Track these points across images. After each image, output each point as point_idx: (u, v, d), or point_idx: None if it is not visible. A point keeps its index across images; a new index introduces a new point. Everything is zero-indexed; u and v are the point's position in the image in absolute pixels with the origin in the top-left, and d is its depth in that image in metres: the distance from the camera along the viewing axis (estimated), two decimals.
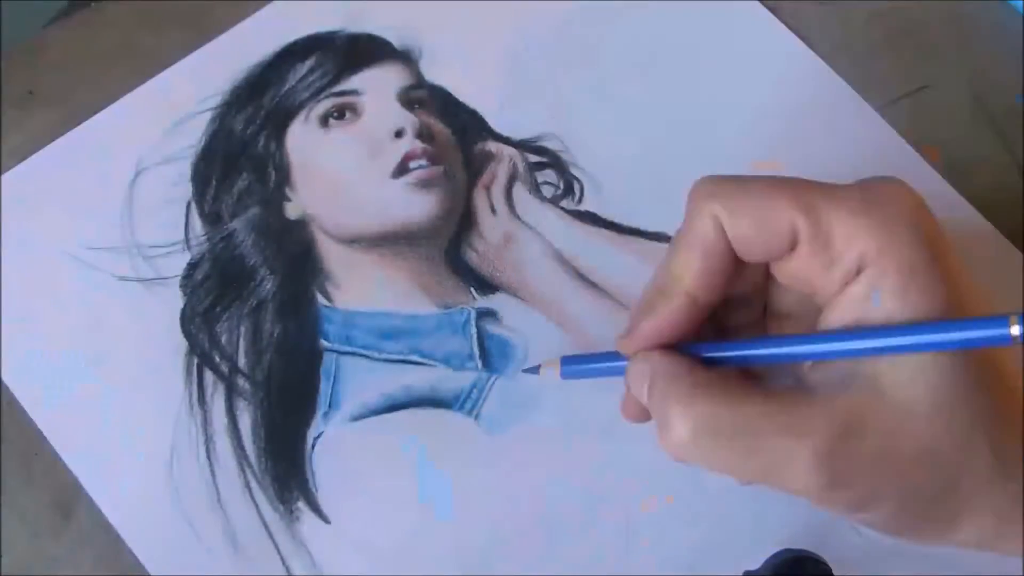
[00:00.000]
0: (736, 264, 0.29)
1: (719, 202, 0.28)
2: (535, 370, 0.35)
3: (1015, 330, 0.24)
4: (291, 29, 0.44)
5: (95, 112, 0.42)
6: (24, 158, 0.42)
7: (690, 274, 0.29)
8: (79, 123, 0.42)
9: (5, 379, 0.38)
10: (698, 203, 0.28)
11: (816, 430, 0.26)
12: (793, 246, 0.27)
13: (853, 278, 0.26)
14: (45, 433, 0.38)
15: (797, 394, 0.27)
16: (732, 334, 0.32)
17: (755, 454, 0.26)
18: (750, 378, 0.30)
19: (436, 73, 0.43)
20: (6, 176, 0.41)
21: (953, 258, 0.27)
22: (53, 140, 0.42)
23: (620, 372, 0.31)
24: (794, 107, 0.43)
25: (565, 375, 0.34)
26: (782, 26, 0.44)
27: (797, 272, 0.28)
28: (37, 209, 0.41)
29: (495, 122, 0.43)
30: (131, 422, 0.38)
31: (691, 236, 0.29)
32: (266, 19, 0.44)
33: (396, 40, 0.44)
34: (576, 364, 0.34)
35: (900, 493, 0.26)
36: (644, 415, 0.31)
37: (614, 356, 0.32)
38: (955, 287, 0.26)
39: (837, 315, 0.27)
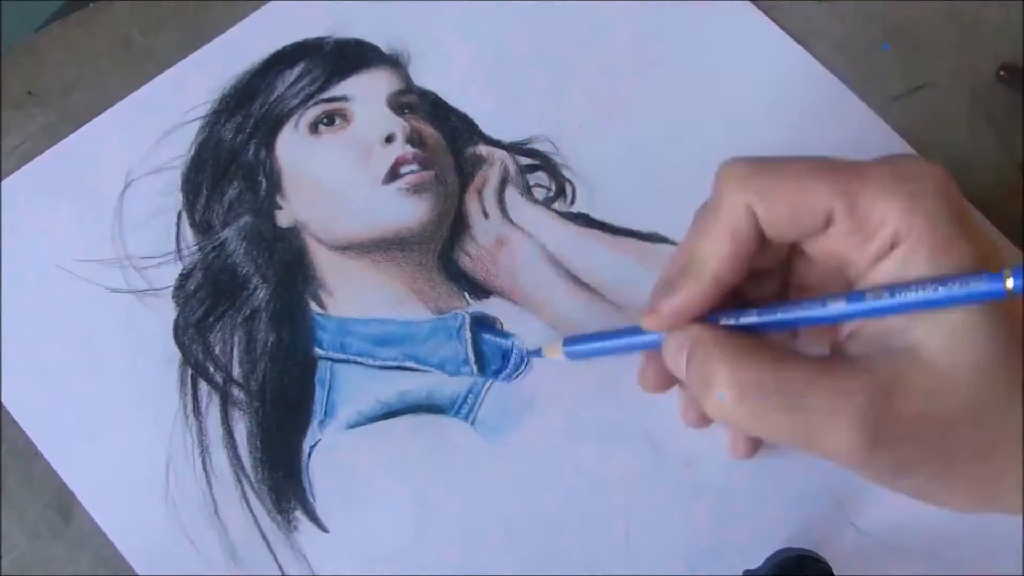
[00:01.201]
0: (762, 244, 0.29)
1: (752, 189, 0.28)
2: (538, 353, 0.37)
3: (1009, 283, 0.25)
4: (279, 36, 0.44)
5: (94, 112, 0.42)
6: (23, 158, 0.42)
7: (718, 258, 0.29)
8: (78, 123, 0.42)
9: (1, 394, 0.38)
10: (728, 189, 0.29)
11: (859, 391, 0.26)
12: (827, 226, 0.28)
13: (886, 253, 0.27)
14: (40, 447, 0.38)
15: (838, 361, 0.28)
16: (753, 306, 0.32)
17: (798, 414, 0.27)
18: (788, 348, 0.31)
19: (425, 77, 0.43)
20: None
21: (978, 230, 0.27)
22: (52, 140, 0.42)
23: (624, 349, 0.33)
24: (789, 106, 0.43)
25: (569, 355, 0.35)
26: (774, 25, 0.44)
27: (830, 248, 0.29)
28: (28, 222, 0.41)
29: (485, 125, 0.42)
30: (126, 435, 0.38)
31: (721, 222, 0.29)
32: (253, 26, 0.44)
33: (384, 45, 0.44)
34: (579, 344, 0.35)
35: (941, 455, 0.27)
36: (662, 386, 0.33)
37: (617, 335, 0.33)
38: (982, 259, 0.27)
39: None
